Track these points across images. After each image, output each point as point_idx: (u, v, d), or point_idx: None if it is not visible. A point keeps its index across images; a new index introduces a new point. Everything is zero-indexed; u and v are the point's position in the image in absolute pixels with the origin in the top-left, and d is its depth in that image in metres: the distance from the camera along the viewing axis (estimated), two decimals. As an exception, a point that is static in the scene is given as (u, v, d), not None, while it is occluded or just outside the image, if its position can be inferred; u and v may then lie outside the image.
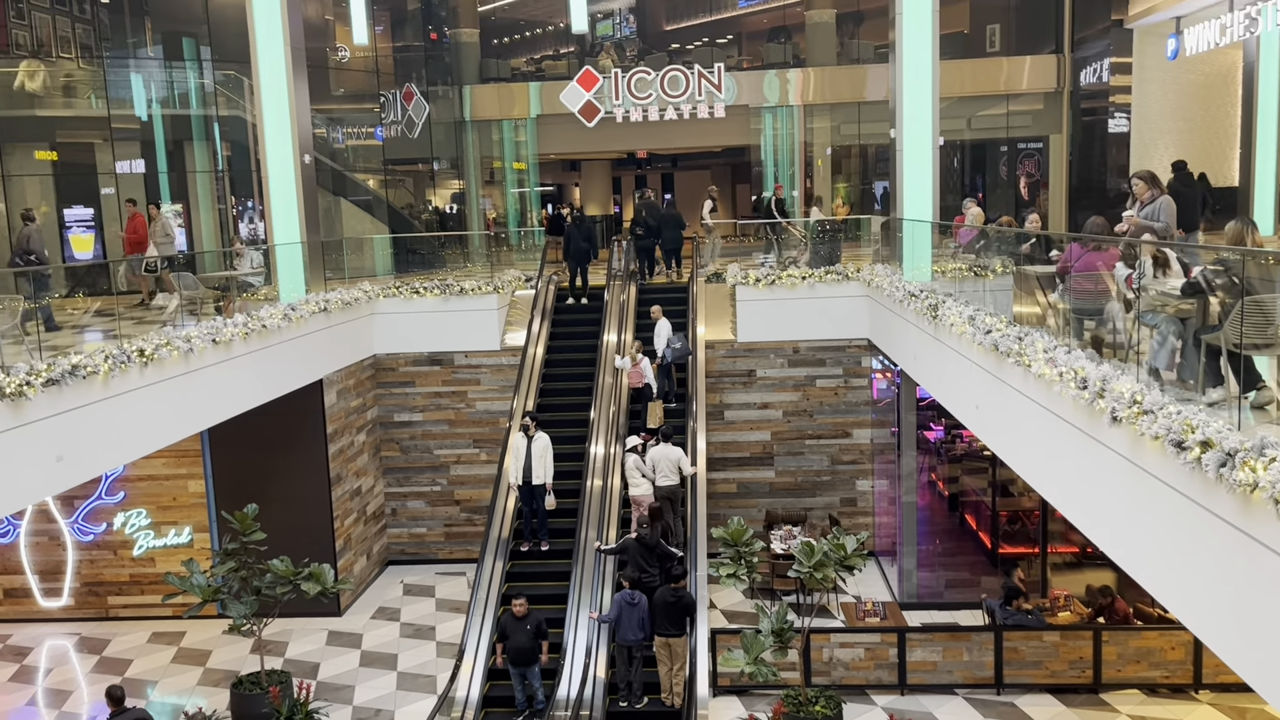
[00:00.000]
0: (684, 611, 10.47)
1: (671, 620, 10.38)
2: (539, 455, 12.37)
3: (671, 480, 12.27)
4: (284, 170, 14.08)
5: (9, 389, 7.60)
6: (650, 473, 12.23)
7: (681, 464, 12.30)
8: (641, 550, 10.94)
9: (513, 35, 27.05)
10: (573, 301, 16.63)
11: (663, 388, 14.32)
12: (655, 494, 12.23)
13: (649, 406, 13.86)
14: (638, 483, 12.29)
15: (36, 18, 18.76)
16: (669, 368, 14.45)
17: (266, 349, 11.83)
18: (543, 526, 12.70)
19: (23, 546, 14.20)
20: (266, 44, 13.88)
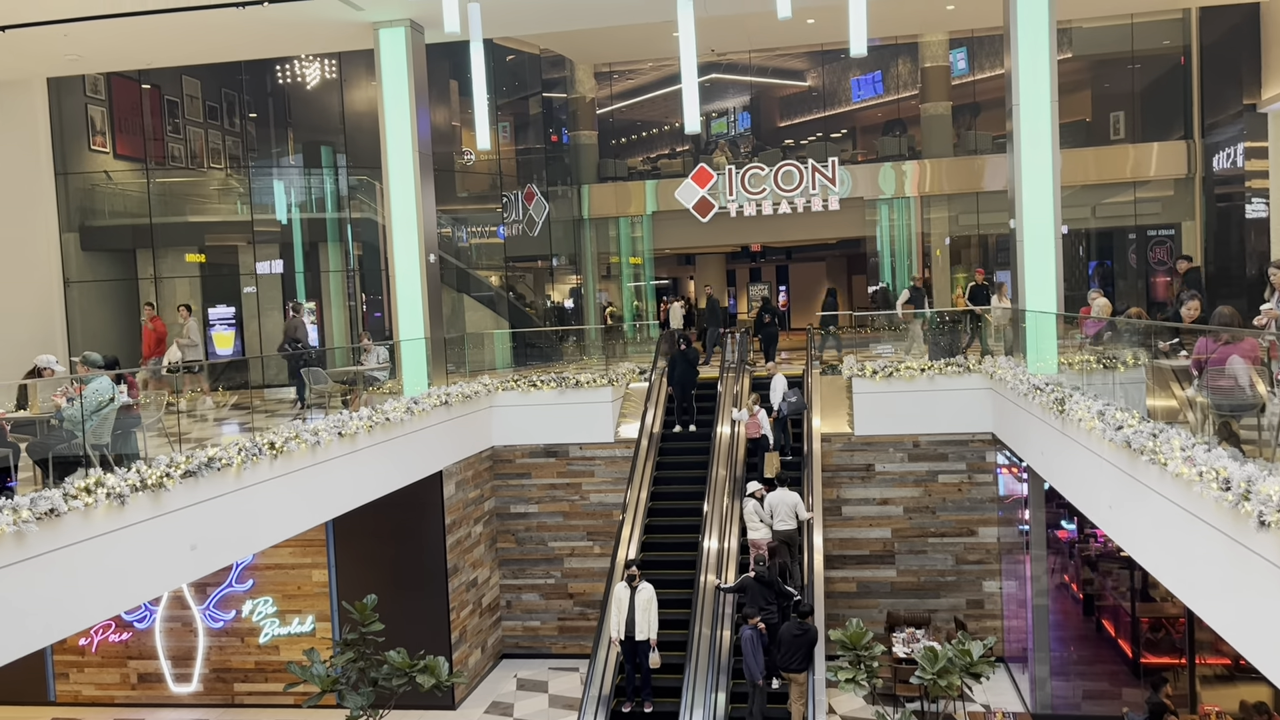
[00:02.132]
0: (809, 645, 10.87)
1: (796, 654, 10.80)
2: (643, 608, 11.50)
3: (789, 525, 12.78)
4: (410, 269, 14.68)
5: (150, 480, 8.00)
6: (768, 517, 12.76)
7: (798, 509, 12.83)
8: (760, 588, 11.42)
9: (629, 136, 27.85)
10: (680, 429, 15.85)
11: (779, 440, 14.88)
12: (773, 538, 12.75)
13: (766, 457, 14.43)
14: (756, 527, 12.81)
15: (190, 131, 20.30)
16: (785, 421, 15.12)
17: (390, 441, 12.17)
18: (646, 686, 11.78)
19: (158, 632, 14.74)
20: (396, 150, 14.65)
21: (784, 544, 12.84)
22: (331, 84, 20.42)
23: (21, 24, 13.51)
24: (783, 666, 10.90)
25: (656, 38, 19.01)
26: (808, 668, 10.86)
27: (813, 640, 10.95)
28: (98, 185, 18.93)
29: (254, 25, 14.15)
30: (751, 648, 10.81)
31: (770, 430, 14.74)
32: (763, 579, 11.51)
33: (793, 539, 12.95)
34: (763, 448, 14.64)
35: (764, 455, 14.50)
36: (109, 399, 8.26)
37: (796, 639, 10.81)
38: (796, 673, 10.83)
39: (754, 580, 11.55)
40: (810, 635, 10.92)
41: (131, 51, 15.65)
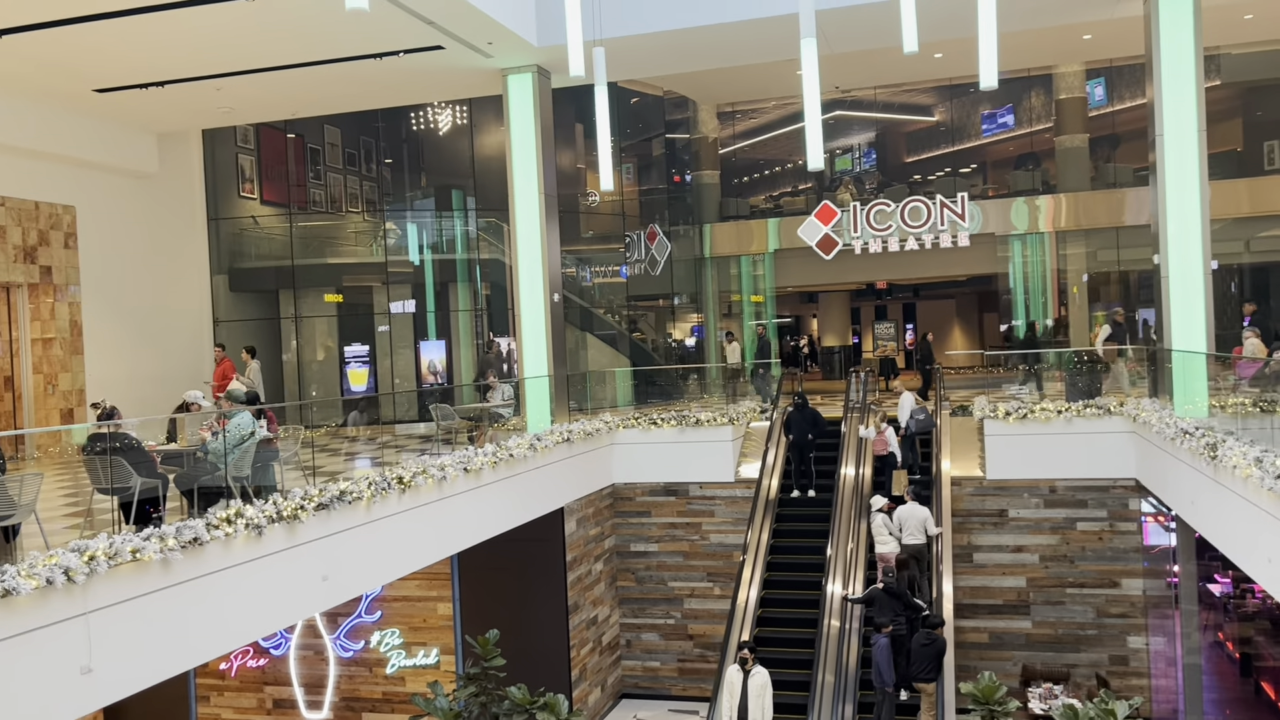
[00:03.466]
0: (937, 655, 10.96)
1: (925, 664, 10.89)
2: (756, 694, 10.97)
3: (918, 539, 12.80)
4: (535, 308, 14.95)
5: (286, 512, 8.29)
6: (897, 531, 12.83)
7: (927, 524, 12.84)
8: (889, 599, 11.46)
9: (751, 174, 27.83)
10: (798, 494, 15.13)
11: (907, 459, 14.95)
12: (901, 555, 12.76)
13: (894, 475, 14.51)
14: (884, 540, 12.88)
15: (330, 177, 21.27)
16: (913, 439, 15.11)
17: (513, 477, 12.34)
18: None
19: (292, 659, 15.23)
20: (523, 193, 15.00)
21: (912, 558, 12.84)
22: (462, 129, 21.11)
23: (180, 79, 14.45)
24: (912, 677, 11.02)
25: (779, 76, 18.99)
26: (937, 678, 10.96)
27: (941, 649, 11.02)
28: (245, 230, 19.99)
29: (390, 75, 14.77)
30: (885, 655, 10.94)
31: (898, 448, 14.87)
32: (891, 590, 11.58)
33: (921, 554, 12.96)
34: (890, 465, 14.77)
35: (891, 473, 14.60)
36: (249, 433, 8.62)
37: (924, 648, 10.91)
38: (926, 683, 10.93)
39: (882, 591, 11.62)
40: (939, 644, 11.00)
41: (277, 102, 16.53)
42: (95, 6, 11.44)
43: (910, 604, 11.66)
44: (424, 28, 12.85)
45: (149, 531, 7.06)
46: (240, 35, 12.77)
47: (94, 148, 16.25)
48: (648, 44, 14.30)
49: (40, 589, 6.10)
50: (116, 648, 6.76)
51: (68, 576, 6.28)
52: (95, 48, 12.78)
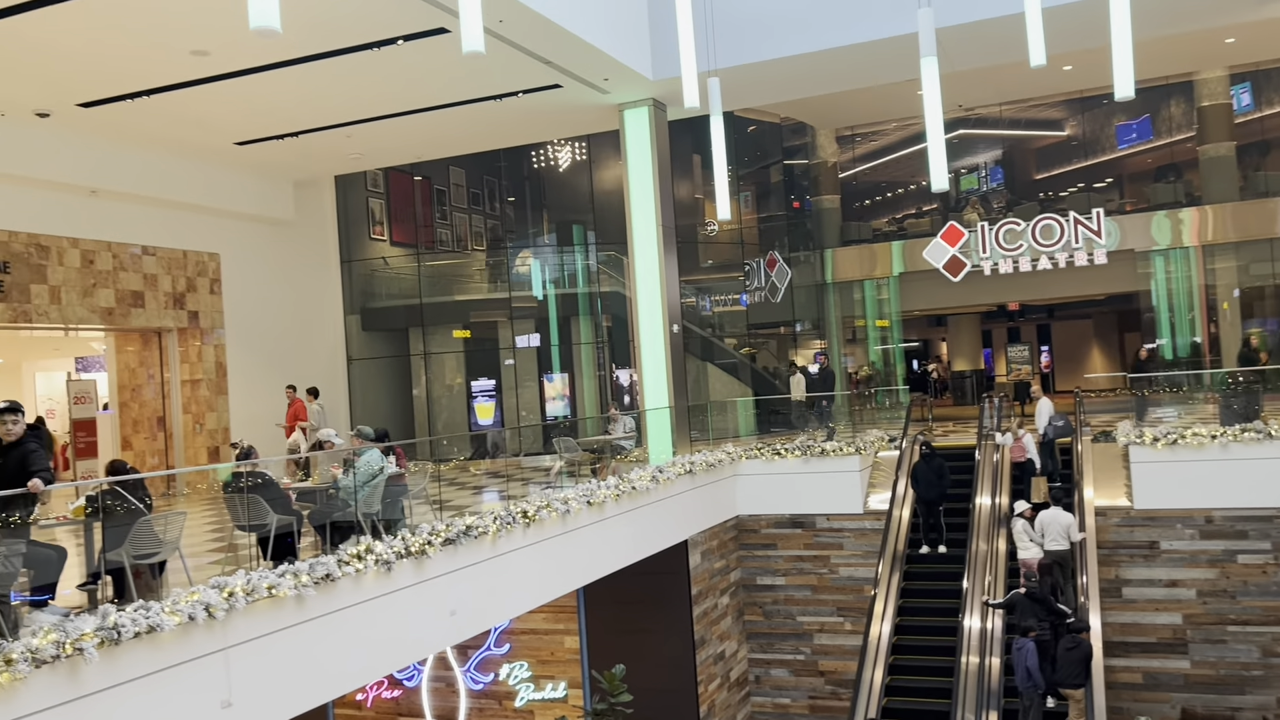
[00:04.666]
0: (1084, 660, 10.69)
1: (1072, 670, 10.63)
2: None
3: (1061, 545, 12.46)
4: (654, 339, 14.95)
5: (414, 547, 8.43)
6: (1039, 537, 12.52)
7: (1070, 530, 12.50)
8: (1031, 604, 11.16)
9: (873, 197, 27.36)
10: (927, 550, 14.33)
11: (1046, 466, 14.58)
12: (1044, 560, 12.31)
13: (1033, 483, 14.28)
14: (1026, 546, 12.59)
15: (456, 217, 21.87)
16: (1051, 445, 14.70)
17: (636, 510, 12.28)
18: None
19: (424, 691, 15.48)
20: (641, 225, 15.07)
21: (1056, 564, 12.44)
22: (581, 165, 21.42)
23: (313, 129, 15.11)
24: (1059, 683, 10.77)
25: (900, 97, 18.62)
26: (1085, 683, 10.68)
27: (1087, 654, 10.75)
28: (376, 270, 20.71)
29: (510, 115, 15.10)
30: (1032, 659, 10.70)
31: (1036, 454, 14.48)
32: (1034, 595, 11.27)
33: (1065, 560, 12.59)
34: (1029, 472, 14.45)
35: (1030, 481, 14.31)
36: (378, 470, 8.82)
37: (1070, 653, 10.66)
38: (1074, 689, 10.68)
39: (1024, 596, 11.32)
40: (1084, 648, 10.74)
41: (404, 147, 17.11)
42: (237, 64, 12.09)
43: (1054, 609, 11.32)
44: (542, 68, 13.11)
45: (284, 568, 7.27)
46: (368, 83, 13.28)
47: (236, 198, 17.13)
48: (762, 72, 14.23)
49: (183, 625, 6.33)
50: (255, 682, 6.96)
51: (208, 613, 6.50)
52: (237, 103, 13.48)
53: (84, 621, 5.84)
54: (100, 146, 14.46)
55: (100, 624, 5.87)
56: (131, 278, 15.52)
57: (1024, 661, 10.77)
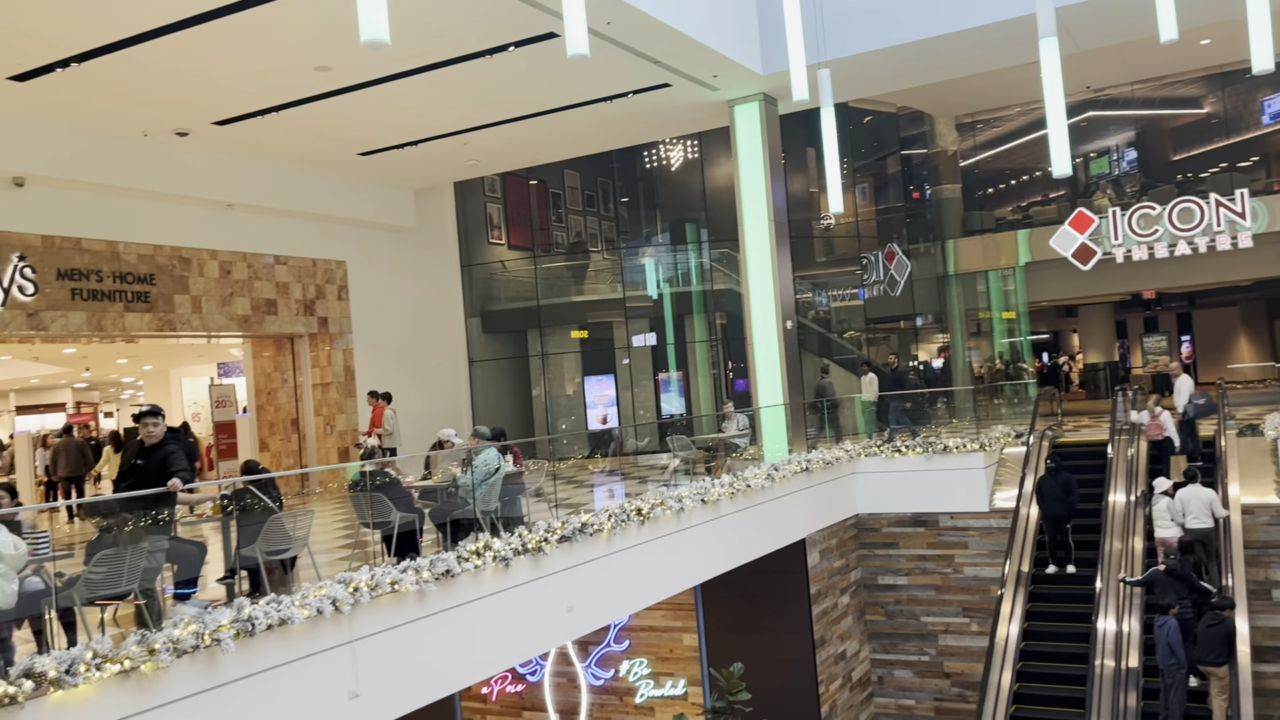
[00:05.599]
0: (1226, 637, 10.55)
1: (1214, 648, 10.52)
2: None
3: (1204, 523, 12.12)
4: (768, 336, 14.82)
5: (530, 544, 8.59)
6: (1180, 516, 12.23)
7: (1214, 506, 12.15)
8: (1171, 581, 11.07)
9: (996, 185, 26.47)
10: (1054, 570, 13.58)
11: (1186, 445, 14.15)
12: (1185, 537, 12.20)
13: (1171, 462, 13.86)
14: (1165, 525, 12.34)
15: (571, 219, 22.17)
16: (1192, 424, 14.29)
17: (751, 508, 12.21)
18: None
19: (547, 686, 15.74)
20: (752, 221, 14.97)
21: (1198, 542, 12.23)
22: (693, 163, 21.42)
23: (432, 137, 15.55)
24: (1200, 661, 10.65)
25: (1022, 81, 17.94)
26: (1228, 661, 10.54)
27: (1230, 632, 10.61)
28: (495, 274, 21.16)
29: (621, 116, 15.21)
30: (1175, 636, 10.58)
31: (1175, 433, 14.07)
32: (1174, 572, 11.16)
33: (1209, 538, 12.25)
34: (1167, 451, 14.05)
35: (1169, 460, 13.91)
36: (495, 469, 9.01)
37: (1211, 629, 10.54)
38: (1216, 666, 10.55)
39: (1163, 573, 11.21)
40: (1226, 626, 10.60)
41: (518, 151, 17.43)
42: (357, 77, 12.54)
43: (1196, 586, 11.09)
44: (651, 67, 13.17)
45: (406, 564, 7.50)
46: (481, 91, 13.58)
47: (361, 207, 17.77)
48: (875, 62, 13.95)
49: (312, 618, 6.60)
50: (380, 674, 7.20)
51: (335, 607, 6.76)
52: (358, 115, 13.98)
53: (221, 614, 6.15)
54: (234, 162, 15.22)
55: (236, 616, 6.17)
56: (265, 286, 16.28)
57: (1165, 639, 10.61)
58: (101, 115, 12.89)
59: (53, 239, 13.31)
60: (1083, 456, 15.25)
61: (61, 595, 6.27)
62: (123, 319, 14.09)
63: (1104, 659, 11.47)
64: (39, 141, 12.79)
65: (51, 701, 5.21)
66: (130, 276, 14.20)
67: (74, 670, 5.29)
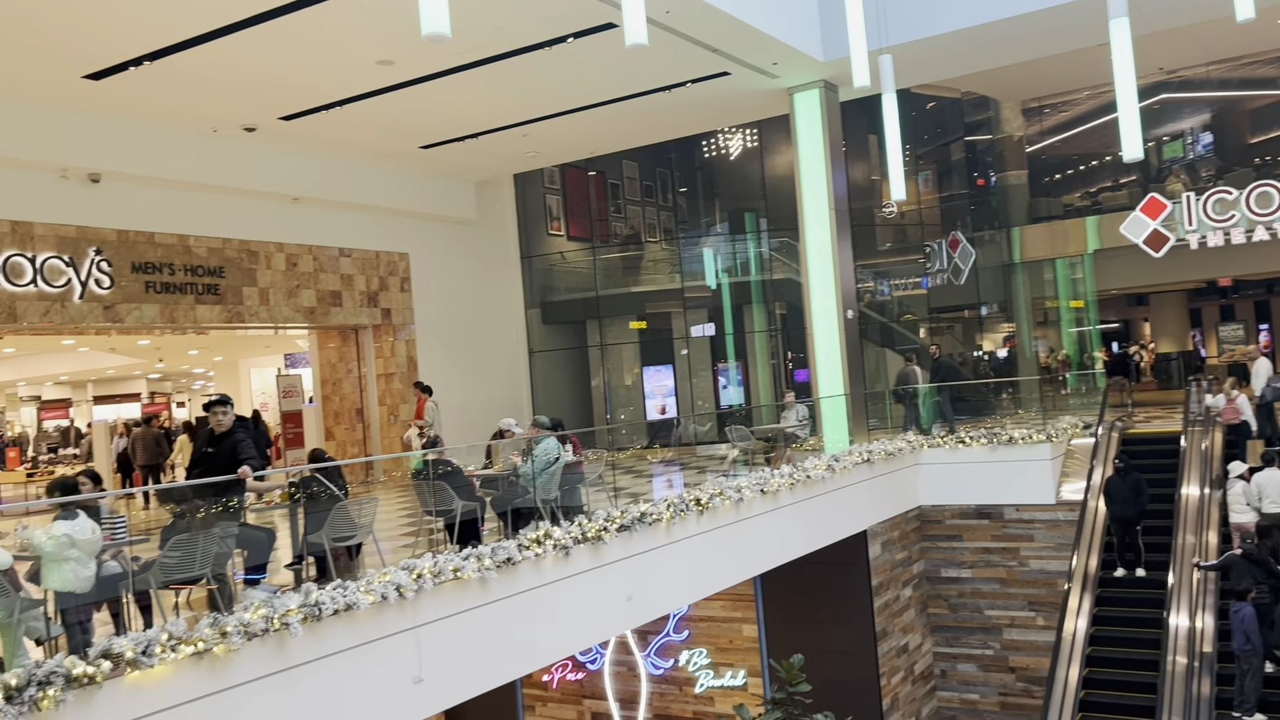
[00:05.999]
0: None
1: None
2: None
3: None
4: (828, 326, 14.69)
5: (590, 533, 8.63)
6: (1256, 500, 12.01)
7: None
8: (1248, 566, 10.95)
9: (1064, 171, 25.87)
10: (1123, 573, 13.16)
11: (1264, 429, 13.91)
12: (1261, 521, 11.94)
13: (1248, 445, 13.60)
14: (1241, 510, 12.13)
15: (629, 210, 22.18)
16: (1270, 408, 14.06)
17: (811, 499, 12.13)
18: None
19: (607, 674, 15.84)
20: (813, 210, 14.83)
21: (1275, 527, 11.92)
22: (752, 152, 21.28)
23: (492, 129, 15.67)
24: (1276, 646, 10.60)
25: (1092, 63, 17.46)
26: None
27: None
28: (554, 265, 21.27)
29: (680, 106, 15.17)
30: (1251, 623, 10.42)
31: (1252, 416, 13.82)
32: (1251, 556, 11.03)
33: None
34: (1243, 435, 13.77)
35: (1245, 444, 13.63)
36: (555, 458, 9.08)
37: None
38: None
39: (1240, 558, 11.08)
40: None
41: (577, 143, 17.47)
42: (418, 71, 12.68)
43: (1273, 571, 10.87)
44: (709, 56, 13.10)
45: (468, 552, 7.59)
46: (541, 82, 13.64)
47: (423, 199, 17.98)
48: (938, 47, 13.71)
49: (376, 604, 6.72)
50: (443, 660, 7.31)
51: (399, 593, 6.87)
52: (420, 108, 14.14)
53: (290, 598, 6.29)
54: (300, 157, 15.50)
55: (303, 601, 6.30)
56: (330, 278, 16.57)
57: (1241, 625, 10.42)
58: (172, 112, 13.22)
59: (127, 233, 13.70)
60: (1154, 446, 14.90)
61: (138, 579, 6.47)
62: (194, 311, 14.46)
63: (1175, 655, 11.21)
64: (114, 138, 13.16)
65: (128, 681, 5.38)
66: (201, 269, 14.56)
67: (150, 651, 5.45)
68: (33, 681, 4.91)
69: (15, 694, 4.84)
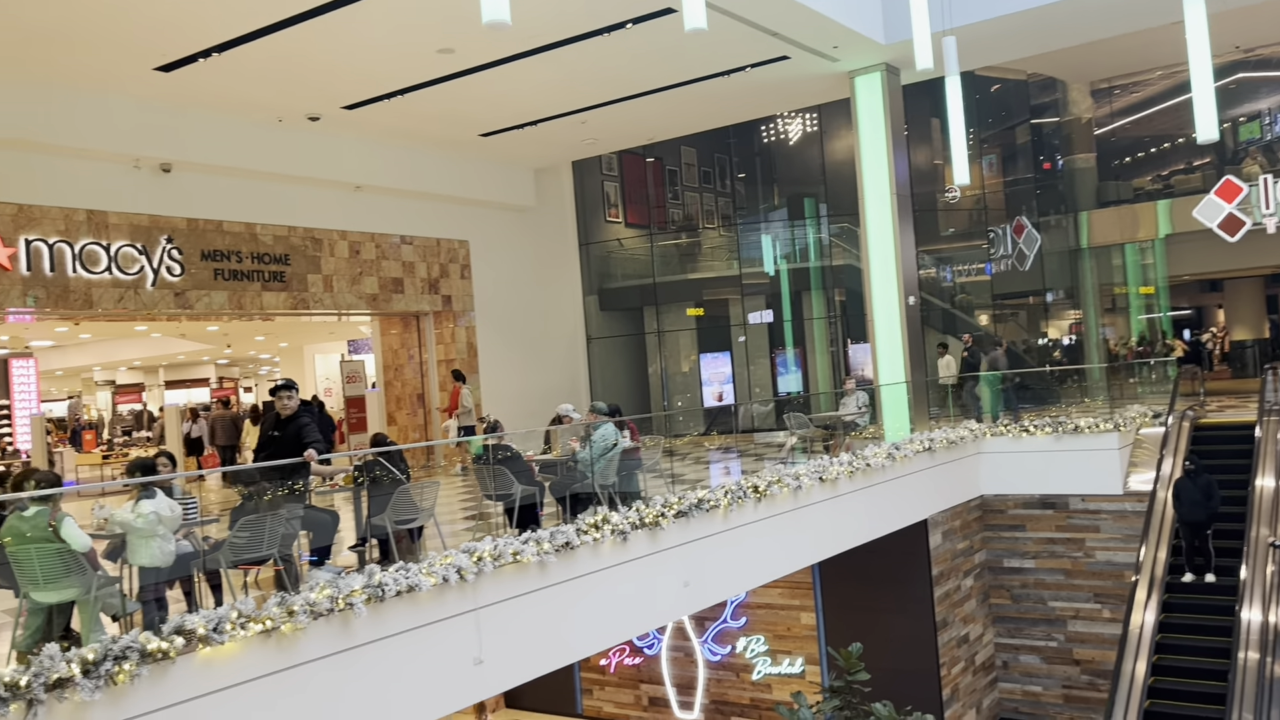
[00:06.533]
0: None
1: None
2: None
3: None
4: (889, 312, 14.53)
5: (648, 519, 8.66)
6: None
7: None
8: None
9: (1134, 154, 25.21)
10: (1192, 578, 12.58)
11: None
12: None
13: None
14: None
15: (687, 196, 22.12)
16: None
17: (871, 488, 12.03)
18: None
19: (664, 660, 15.90)
20: (873, 195, 14.66)
21: None
22: (812, 137, 21.08)
23: (551, 116, 15.73)
24: None
25: (1164, 42, 16.98)
26: None
27: None
28: (612, 252, 21.31)
29: (739, 91, 15.07)
30: None
31: None
32: None
33: None
34: None
35: None
36: (613, 444, 9.11)
37: None
38: None
39: None
40: None
41: (635, 129, 17.47)
42: (478, 59, 12.77)
43: None
44: (769, 40, 12.99)
45: (527, 536, 7.67)
46: (599, 69, 13.65)
47: (482, 187, 18.13)
48: (1004, 27, 13.42)
49: (438, 586, 6.83)
50: (503, 642, 7.40)
51: (460, 575, 6.97)
52: (480, 96, 14.24)
53: (354, 579, 6.42)
54: (363, 145, 15.72)
55: (367, 582, 6.43)
56: (392, 266, 16.80)
57: None
58: (240, 103, 13.49)
59: (197, 222, 14.03)
60: (1228, 438, 14.49)
61: (209, 558, 6.65)
62: (260, 297, 14.77)
63: (1248, 651, 10.91)
64: (184, 129, 13.47)
65: (200, 657, 5.53)
66: (267, 257, 14.86)
67: (220, 628, 5.60)
68: (109, 656, 5.08)
69: (92, 668, 5.00)
